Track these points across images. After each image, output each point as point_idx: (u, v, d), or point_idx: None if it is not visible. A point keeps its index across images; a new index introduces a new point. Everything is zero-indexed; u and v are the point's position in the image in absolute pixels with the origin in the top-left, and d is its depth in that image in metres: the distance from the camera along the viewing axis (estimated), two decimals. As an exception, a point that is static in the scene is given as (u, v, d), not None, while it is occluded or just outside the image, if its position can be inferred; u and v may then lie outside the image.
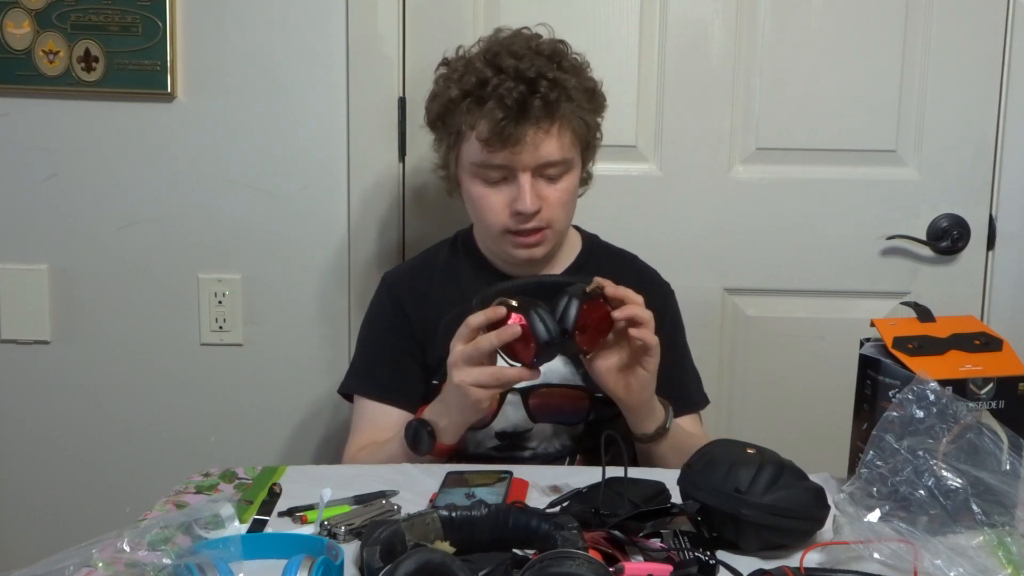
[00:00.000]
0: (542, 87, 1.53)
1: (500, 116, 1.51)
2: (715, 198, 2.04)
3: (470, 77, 1.56)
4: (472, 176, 1.60)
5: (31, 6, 1.97)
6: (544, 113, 1.52)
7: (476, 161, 1.57)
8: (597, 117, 1.64)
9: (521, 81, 1.52)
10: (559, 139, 1.55)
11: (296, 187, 2.04)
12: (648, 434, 1.53)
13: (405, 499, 1.35)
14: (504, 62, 1.54)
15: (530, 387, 1.60)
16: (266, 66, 2.01)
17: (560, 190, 1.58)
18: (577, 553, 1.02)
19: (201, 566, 1.05)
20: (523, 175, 1.55)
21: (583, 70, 1.62)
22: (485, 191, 1.59)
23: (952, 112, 2.00)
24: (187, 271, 2.08)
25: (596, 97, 1.63)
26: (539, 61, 1.55)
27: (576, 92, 1.57)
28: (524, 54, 1.56)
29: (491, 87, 1.53)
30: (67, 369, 2.12)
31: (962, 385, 1.30)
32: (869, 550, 1.13)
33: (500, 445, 1.63)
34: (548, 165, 1.56)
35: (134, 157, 2.04)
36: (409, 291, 1.70)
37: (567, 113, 1.55)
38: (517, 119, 1.51)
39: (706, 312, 2.04)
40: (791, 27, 2.00)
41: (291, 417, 2.12)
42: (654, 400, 1.51)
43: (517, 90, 1.51)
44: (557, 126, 1.55)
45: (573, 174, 1.61)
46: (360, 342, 1.75)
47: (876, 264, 2.05)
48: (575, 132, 1.58)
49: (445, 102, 1.59)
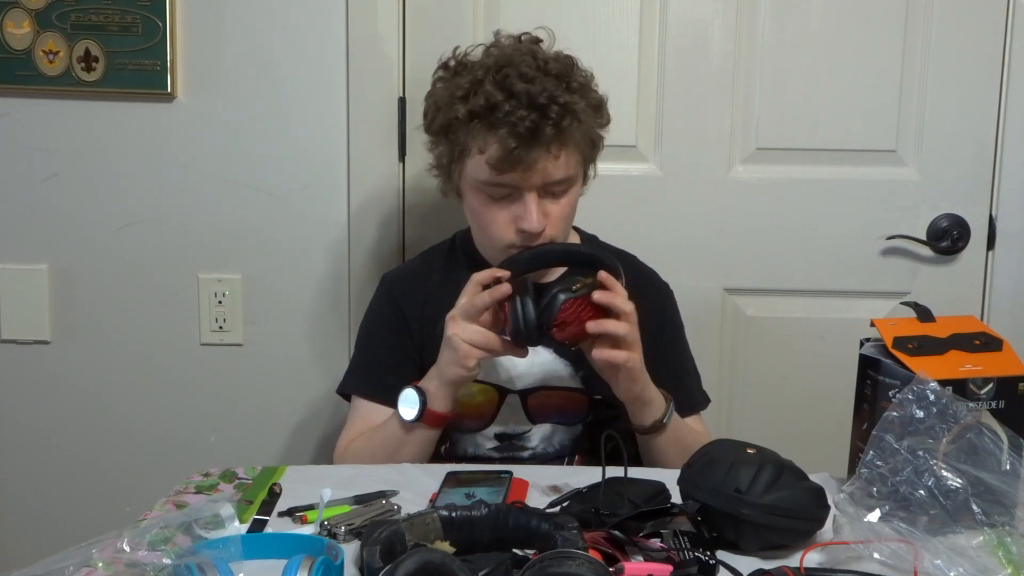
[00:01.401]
0: (553, 113, 1.50)
1: (513, 144, 1.49)
2: (715, 198, 2.04)
3: (479, 99, 1.52)
4: (476, 191, 1.58)
5: (31, 6, 1.97)
6: (555, 139, 1.51)
7: (482, 179, 1.55)
8: (603, 130, 1.63)
9: (533, 109, 1.50)
10: (567, 160, 1.55)
11: (296, 187, 2.04)
12: (645, 426, 1.53)
13: (405, 499, 1.35)
14: (515, 86, 1.51)
15: (529, 389, 1.60)
16: (266, 66, 2.01)
17: (563, 205, 1.58)
18: (577, 553, 1.02)
19: (201, 566, 1.05)
20: (529, 195, 1.54)
21: (590, 87, 1.60)
22: (489, 207, 1.58)
23: (952, 112, 2.00)
24: (187, 271, 2.08)
25: (603, 111, 1.62)
26: (549, 84, 1.52)
27: (585, 114, 1.55)
28: (534, 76, 1.52)
29: (503, 113, 1.50)
30: (67, 369, 2.12)
31: (962, 385, 1.30)
32: (869, 550, 1.13)
33: (499, 446, 1.63)
34: (554, 184, 1.55)
35: (134, 157, 2.04)
36: (408, 293, 1.70)
37: (577, 137, 1.55)
38: (529, 145, 1.50)
39: (706, 312, 2.04)
40: (791, 27, 2.00)
41: (291, 417, 2.12)
42: (648, 393, 1.51)
43: (529, 118, 1.49)
44: (567, 149, 1.54)
45: (576, 187, 1.61)
46: (358, 343, 1.75)
47: (876, 264, 2.05)
48: (582, 151, 1.58)
49: (451, 119, 1.56)
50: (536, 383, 1.61)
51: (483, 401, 1.62)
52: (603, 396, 1.58)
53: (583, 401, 1.62)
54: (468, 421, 1.62)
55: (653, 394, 1.52)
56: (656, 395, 1.53)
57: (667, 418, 1.53)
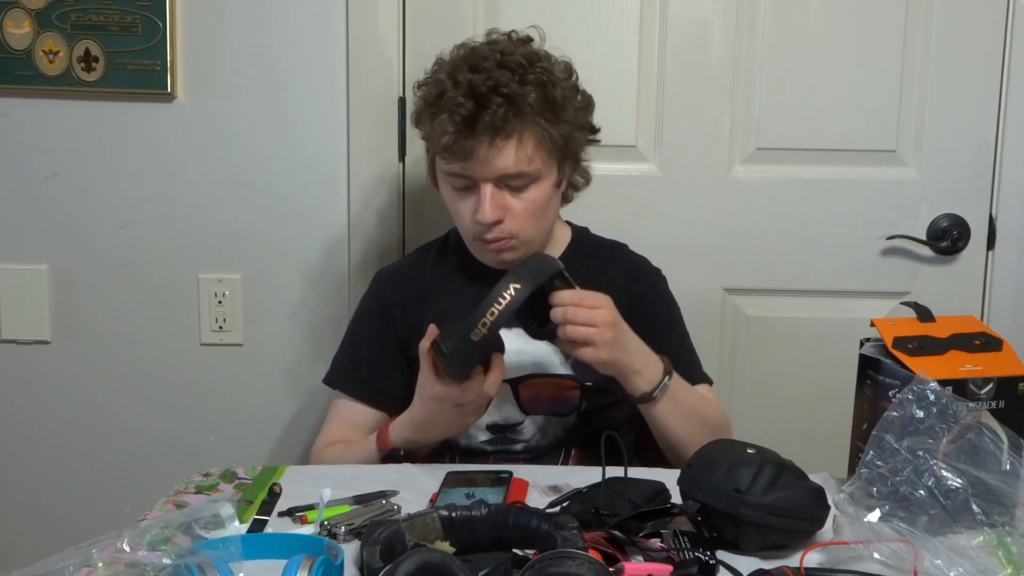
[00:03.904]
0: (493, 103, 1.51)
1: (450, 130, 1.52)
2: (715, 198, 2.04)
3: (432, 88, 1.58)
4: (444, 182, 1.62)
5: (31, 6, 1.97)
6: (494, 128, 1.51)
7: (442, 168, 1.60)
8: (570, 128, 1.59)
9: (471, 97, 1.51)
10: (517, 152, 1.53)
11: (296, 187, 2.04)
12: (640, 394, 1.51)
13: (405, 499, 1.35)
14: (460, 76, 1.54)
15: (520, 378, 1.60)
16: (266, 66, 2.01)
17: (526, 200, 1.57)
18: (577, 553, 1.02)
19: (201, 566, 1.05)
20: (484, 185, 1.55)
21: (554, 82, 1.57)
22: (454, 197, 1.60)
23: (952, 112, 2.00)
24: (187, 271, 2.08)
25: (566, 109, 1.58)
26: (498, 75, 1.52)
27: (534, 106, 1.53)
28: (485, 67, 1.54)
29: (444, 100, 1.54)
30: (67, 369, 2.12)
31: (962, 385, 1.30)
32: (869, 550, 1.13)
33: (492, 438, 1.63)
34: (508, 177, 1.55)
35: (134, 157, 2.04)
36: (398, 292, 1.72)
37: (522, 127, 1.53)
38: (467, 134, 1.51)
39: (706, 312, 2.04)
40: (791, 27, 2.00)
41: (291, 417, 2.12)
42: (632, 364, 1.49)
43: (465, 107, 1.51)
44: (515, 140, 1.53)
45: (542, 184, 1.58)
46: (346, 336, 1.77)
47: (876, 264, 2.05)
48: (539, 142, 1.55)
49: (418, 108, 1.62)
50: (527, 371, 1.61)
51: None
52: (594, 382, 1.59)
53: (574, 387, 1.62)
54: None
55: (640, 363, 1.49)
56: (645, 363, 1.50)
57: (663, 385, 1.50)
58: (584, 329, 1.43)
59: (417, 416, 1.51)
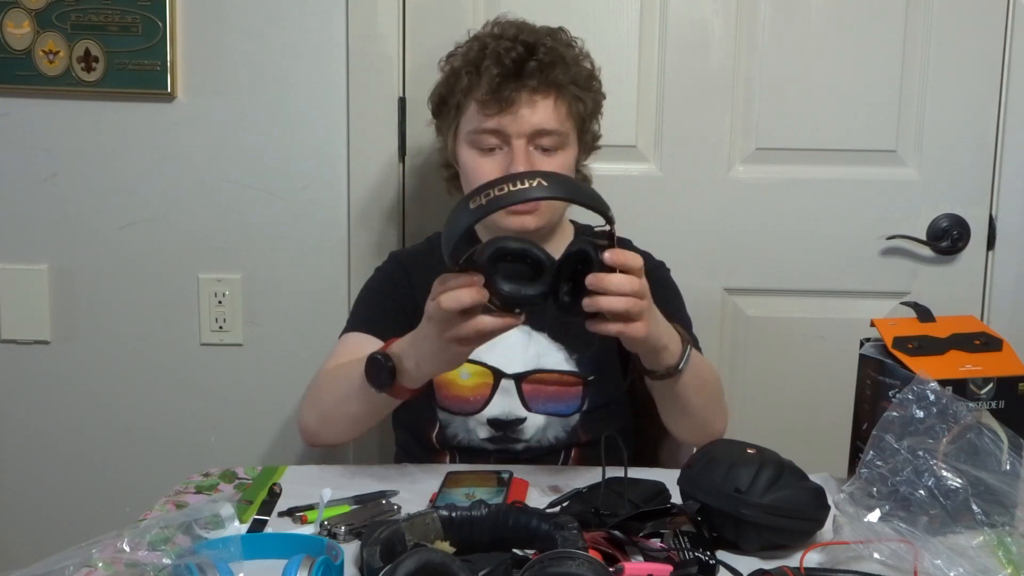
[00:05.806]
0: (540, 52, 1.57)
1: (496, 73, 1.54)
2: (715, 198, 2.04)
3: (472, 45, 1.62)
4: (469, 145, 1.61)
5: (31, 6, 1.97)
6: (539, 77, 1.56)
7: (472, 128, 1.59)
8: (593, 103, 1.65)
9: (519, 43, 1.57)
10: (555, 109, 1.58)
11: (296, 187, 2.04)
12: (661, 370, 1.40)
13: (405, 499, 1.35)
14: (506, 31, 1.61)
15: (523, 373, 1.60)
16: (266, 66, 2.01)
17: (555, 164, 1.58)
18: (577, 553, 1.02)
19: (201, 566, 1.05)
20: (517, 141, 1.56)
21: (582, 53, 1.66)
22: (480, 160, 1.60)
23: (952, 112, 2.00)
24: (187, 271, 2.08)
25: (592, 81, 1.66)
26: (539, 33, 1.61)
27: (571, 68, 1.60)
28: (526, 28, 1.63)
29: (490, 49, 1.58)
30: (67, 369, 2.12)
31: (962, 385, 1.30)
32: (869, 550, 1.13)
33: (493, 436, 1.63)
34: (543, 133, 1.57)
35: (134, 157, 2.04)
36: (417, 267, 1.69)
37: (562, 82, 1.58)
38: (514, 79, 1.55)
39: (706, 312, 2.04)
40: (791, 27, 2.00)
41: (291, 417, 2.11)
42: (660, 340, 1.37)
43: (515, 50, 1.56)
44: (553, 96, 1.57)
45: (569, 152, 1.61)
46: (358, 298, 1.72)
47: (876, 264, 2.05)
48: (570, 107, 1.60)
49: (448, 76, 1.64)
50: (530, 367, 1.61)
51: (478, 383, 1.62)
52: (596, 377, 1.59)
53: (577, 384, 1.61)
54: (460, 403, 1.62)
55: (667, 337, 1.39)
56: (671, 336, 1.40)
57: (686, 356, 1.40)
58: (621, 300, 1.26)
59: (416, 333, 1.37)
